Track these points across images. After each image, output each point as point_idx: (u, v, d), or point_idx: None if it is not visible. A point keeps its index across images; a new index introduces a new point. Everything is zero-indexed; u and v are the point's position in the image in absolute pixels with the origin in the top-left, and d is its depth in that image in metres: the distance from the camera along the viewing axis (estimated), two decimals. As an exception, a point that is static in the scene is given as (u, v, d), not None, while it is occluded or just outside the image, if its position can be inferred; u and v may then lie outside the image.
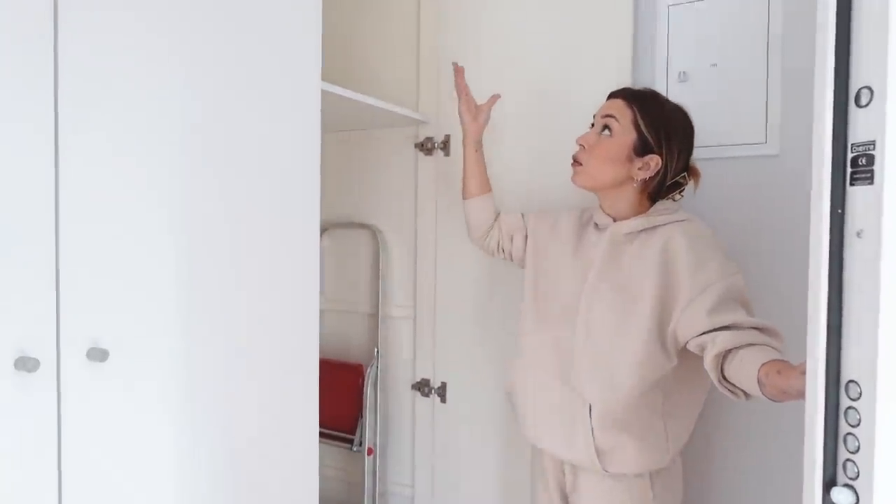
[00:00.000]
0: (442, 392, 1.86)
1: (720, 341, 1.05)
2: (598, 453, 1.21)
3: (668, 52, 1.56)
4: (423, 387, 1.89)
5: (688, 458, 1.39)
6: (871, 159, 0.56)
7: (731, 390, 1.06)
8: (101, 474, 0.98)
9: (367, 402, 1.91)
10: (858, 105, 0.58)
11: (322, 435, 1.42)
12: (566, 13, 1.64)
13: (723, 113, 1.49)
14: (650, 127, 1.23)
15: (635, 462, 1.21)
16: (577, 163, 1.28)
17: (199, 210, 1.11)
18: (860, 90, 0.57)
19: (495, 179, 1.55)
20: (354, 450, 1.93)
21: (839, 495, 0.58)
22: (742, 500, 1.50)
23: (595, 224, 1.33)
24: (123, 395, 1.00)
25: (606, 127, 1.25)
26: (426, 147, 1.85)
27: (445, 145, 1.82)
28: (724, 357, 1.06)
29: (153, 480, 1.05)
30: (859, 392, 0.57)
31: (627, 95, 1.27)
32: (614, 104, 1.26)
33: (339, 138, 2.05)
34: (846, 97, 0.59)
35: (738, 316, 1.08)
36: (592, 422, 1.21)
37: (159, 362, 1.05)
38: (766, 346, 1.02)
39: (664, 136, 1.23)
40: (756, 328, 1.07)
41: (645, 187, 1.25)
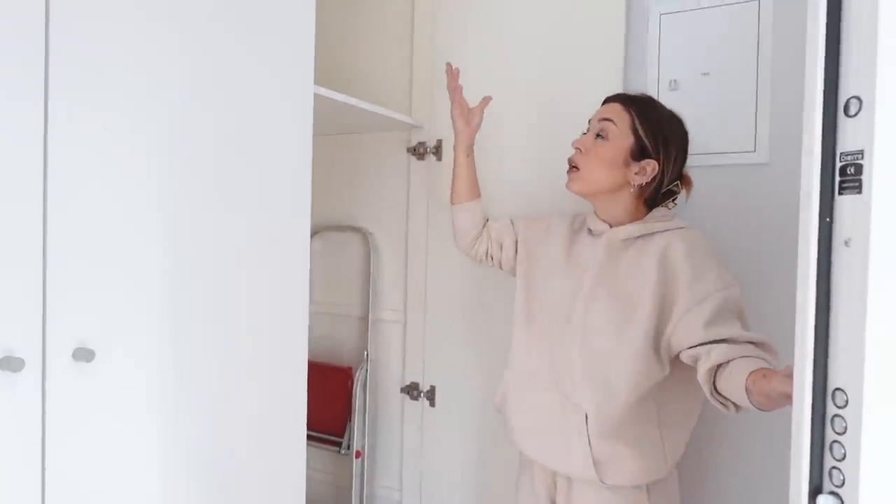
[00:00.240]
0: (431, 396, 1.86)
1: (714, 355, 1.04)
2: (595, 464, 1.18)
3: (659, 60, 1.57)
4: (412, 390, 1.89)
5: (681, 471, 1.39)
6: (859, 168, 0.56)
7: (722, 403, 1.05)
8: (85, 475, 0.97)
9: (356, 404, 1.91)
10: (847, 115, 0.58)
11: (310, 437, 1.41)
12: (558, 21, 1.65)
13: (713, 121, 1.50)
14: (648, 131, 1.21)
15: (633, 473, 1.18)
16: (573, 168, 1.26)
17: (188, 211, 1.10)
18: (849, 100, 0.58)
19: (487, 185, 1.55)
20: (342, 453, 1.92)
21: (825, 503, 0.58)
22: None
23: (588, 230, 1.31)
24: (109, 395, 0.99)
25: (603, 130, 1.23)
26: (418, 152, 1.85)
27: (437, 150, 1.82)
28: (717, 370, 1.05)
29: (137, 482, 1.04)
30: (846, 400, 0.57)
31: (625, 100, 1.25)
32: (611, 108, 1.25)
33: (331, 141, 2.05)
34: (835, 107, 0.59)
35: (734, 330, 1.07)
36: (589, 431, 1.18)
37: (146, 363, 1.04)
38: (758, 358, 1.01)
39: (661, 142, 1.22)
40: (752, 342, 1.06)
41: (641, 193, 1.24)
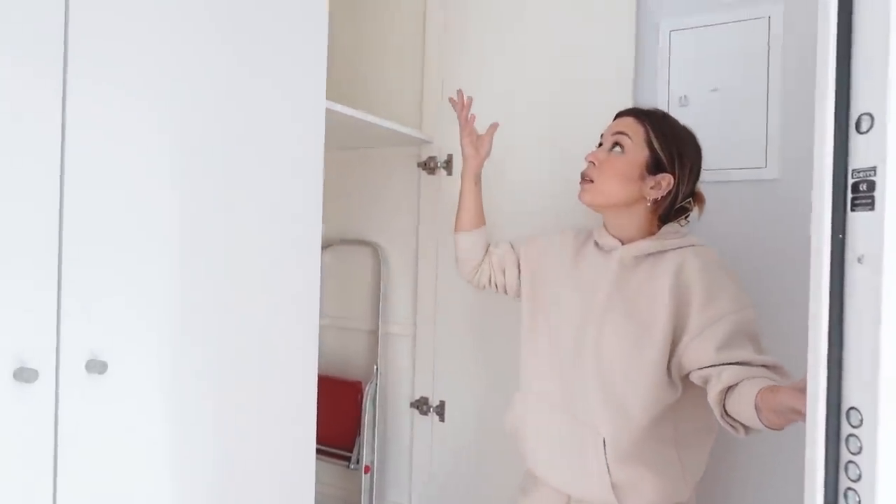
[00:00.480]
0: (441, 410, 1.85)
1: (725, 377, 1.03)
2: (613, 488, 1.15)
3: (669, 76, 1.57)
4: (421, 405, 1.88)
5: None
6: (871, 185, 0.56)
7: (731, 425, 1.04)
8: (97, 486, 0.97)
9: (366, 419, 1.90)
10: (859, 131, 0.58)
11: (319, 451, 1.41)
12: (569, 38, 1.66)
13: (723, 137, 1.50)
14: (663, 145, 1.20)
15: (653, 496, 1.15)
16: (586, 180, 1.24)
17: (200, 225, 1.11)
18: (861, 116, 0.58)
19: (498, 201, 1.54)
20: (352, 467, 1.91)
21: (840, 524, 0.58)
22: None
23: (596, 243, 1.29)
24: (121, 407, 1.00)
25: (617, 144, 1.21)
26: (429, 166, 1.85)
27: (448, 164, 1.83)
28: (727, 392, 1.03)
29: (149, 494, 1.04)
30: (860, 419, 0.57)
31: (638, 113, 1.24)
32: (625, 121, 1.23)
33: (342, 156, 2.06)
34: (847, 123, 0.59)
35: (746, 353, 1.05)
36: (607, 456, 1.15)
37: (158, 375, 1.05)
38: (768, 379, 0.99)
39: (677, 155, 1.20)
40: (764, 366, 1.04)
41: (656, 208, 1.22)
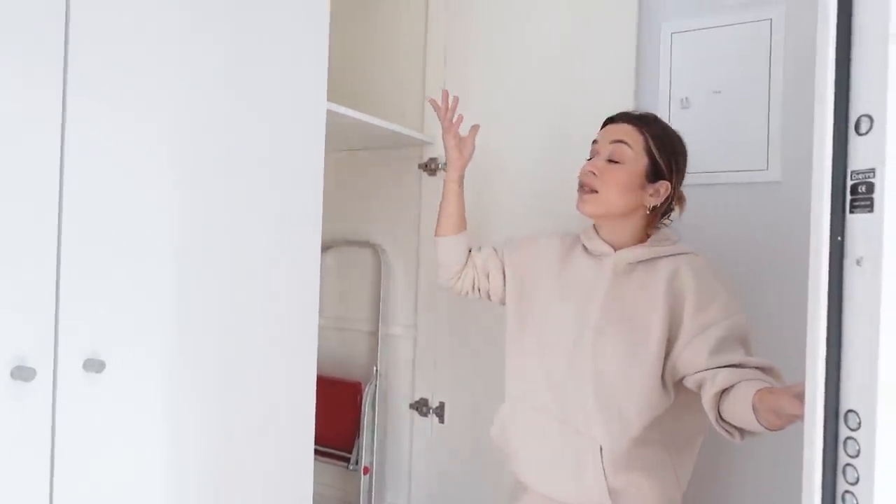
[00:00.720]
0: (440, 412, 1.85)
1: (719, 380, 1.03)
2: (611, 493, 1.15)
3: (670, 78, 1.57)
4: (421, 406, 1.88)
5: (687, 497, 1.36)
6: (870, 187, 0.56)
7: (727, 430, 1.04)
8: (94, 485, 0.97)
9: (365, 420, 1.90)
10: (858, 133, 0.58)
11: (318, 452, 1.41)
12: (570, 40, 1.66)
13: (725, 139, 1.50)
14: (661, 153, 1.19)
15: (650, 500, 1.16)
16: (588, 190, 1.21)
17: (200, 225, 1.11)
18: (860, 118, 0.58)
19: (494, 203, 1.54)
20: (350, 468, 1.91)
21: (838, 527, 0.57)
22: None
23: (584, 248, 1.28)
24: (119, 406, 1.00)
25: (617, 153, 1.20)
26: (430, 167, 1.86)
27: (449, 165, 1.83)
28: (721, 396, 1.04)
29: (145, 493, 1.04)
30: (858, 422, 0.56)
31: (635, 120, 1.23)
32: (623, 129, 1.21)
33: (343, 157, 2.07)
34: (846, 125, 0.59)
35: (738, 356, 1.06)
36: (605, 463, 1.15)
37: (156, 375, 1.05)
38: (762, 381, 1.00)
39: (673, 161, 1.21)
40: (758, 368, 1.05)
41: (655, 215, 1.22)
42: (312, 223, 1.34)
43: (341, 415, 1.94)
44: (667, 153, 1.20)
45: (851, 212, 0.58)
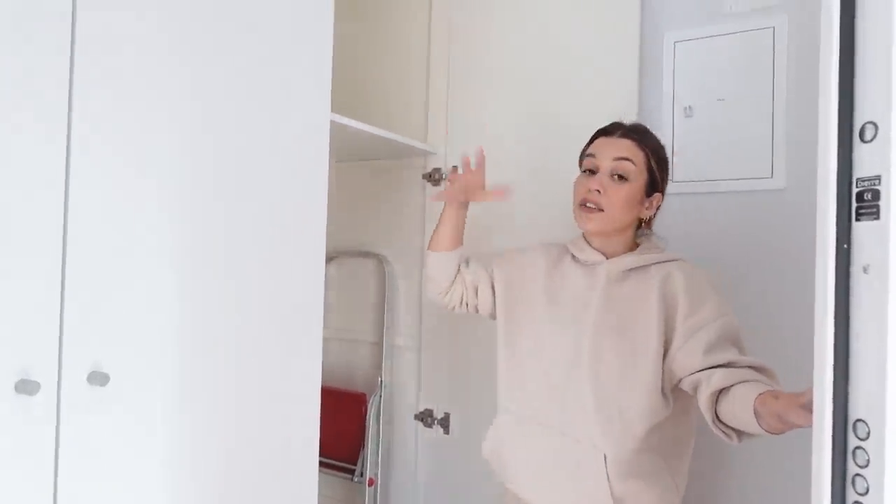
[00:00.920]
0: (445, 423, 1.84)
1: (715, 380, 1.04)
2: (615, 502, 1.15)
3: (674, 87, 1.57)
4: (426, 417, 1.87)
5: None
6: (876, 194, 0.56)
7: (724, 432, 1.04)
8: (98, 499, 0.97)
9: (370, 431, 1.89)
10: (863, 140, 0.58)
11: (322, 464, 1.40)
12: (573, 49, 1.67)
13: (729, 147, 1.50)
14: (658, 167, 1.22)
15: None
16: (594, 209, 1.20)
17: (203, 237, 1.11)
18: (864, 125, 0.57)
19: (495, 214, 1.53)
20: (355, 480, 1.90)
21: (848, 539, 0.56)
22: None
23: (573, 257, 1.28)
24: (123, 419, 0.99)
25: (622, 170, 1.19)
26: (434, 177, 1.86)
27: (453, 176, 1.83)
28: (718, 396, 1.04)
29: (149, 508, 1.04)
30: (867, 431, 0.56)
31: (633, 135, 1.22)
32: (625, 145, 1.21)
33: (347, 168, 2.07)
34: (851, 132, 0.59)
35: (731, 355, 1.08)
36: (609, 472, 1.15)
37: (160, 387, 1.05)
38: (759, 382, 1.01)
39: (665, 173, 1.25)
40: (751, 367, 1.06)
41: (648, 226, 1.27)
42: (317, 233, 1.34)
43: (346, 426, 1.93)
44: (662, 166, 1.24)
45: (857, 219, 0.58)
